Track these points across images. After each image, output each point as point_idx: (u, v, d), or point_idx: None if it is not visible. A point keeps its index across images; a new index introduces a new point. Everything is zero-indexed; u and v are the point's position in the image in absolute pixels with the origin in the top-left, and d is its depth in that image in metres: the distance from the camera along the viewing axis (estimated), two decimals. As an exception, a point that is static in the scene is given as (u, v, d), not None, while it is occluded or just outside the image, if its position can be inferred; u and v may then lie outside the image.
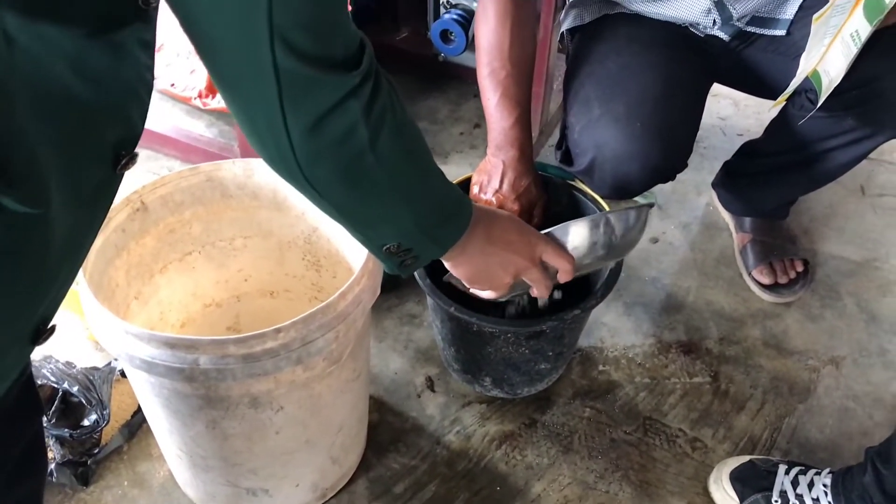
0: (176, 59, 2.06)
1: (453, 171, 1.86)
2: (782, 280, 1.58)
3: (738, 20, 1.35)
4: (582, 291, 1.29)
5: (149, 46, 0.62)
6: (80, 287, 0.98)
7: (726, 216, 1.74)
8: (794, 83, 1.24)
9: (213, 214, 1.19)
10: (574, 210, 1.37)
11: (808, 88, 1.28)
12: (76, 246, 0.67)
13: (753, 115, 2.06)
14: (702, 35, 1.39)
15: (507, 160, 1.23)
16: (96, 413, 1.23)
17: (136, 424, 1.31)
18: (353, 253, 1.16)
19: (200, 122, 1.98)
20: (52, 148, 0.56)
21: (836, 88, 1.19)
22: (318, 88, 0.63)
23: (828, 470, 1.20)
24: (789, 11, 1.35)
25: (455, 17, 1.85)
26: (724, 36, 1.38)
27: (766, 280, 1.58)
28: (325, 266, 1.24)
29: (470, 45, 1.86)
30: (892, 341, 1.52)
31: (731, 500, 1.23)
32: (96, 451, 1.25)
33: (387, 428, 1.34)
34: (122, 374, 1.30)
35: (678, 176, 1.39)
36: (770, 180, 1.55)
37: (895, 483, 1.08)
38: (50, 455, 1.24)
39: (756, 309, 1.57)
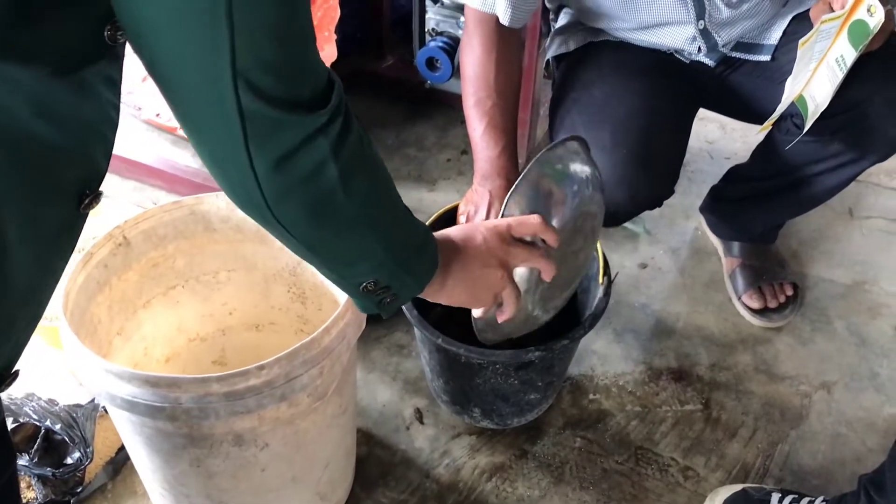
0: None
1: (441, 198, 1.85)
2: (772, 304, 1.58)
3: (723, 46, 1.36)
4: (571, 320, 1.28)
5: (115, 84, 0.61)
6: (61, 324, 0.96)
7: (715, 241, 1.73)
8: (781, 108, 1.24)
9: (196, 248, 1.18)
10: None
11: (794, 113, 1.28)
12: (38, 288, 0.65)
13: (740, 138, 2.06)
14: (687, 61, 1.40)
15: (494, 189, 1.23)
16: (80, 451, 1.21)
17: (121, 462, 1.29)
18: (338, 285, 1.14)
19: (186, 153, 1.97)
20: (12, 188, 0.55)
21: (822, 113, 1.19)
22: (284, 128, 0.62)
23: (822, 498, 1.18)
24: (773, 37, 1.35)
25: (440, 44, 1.85)
26: (709, 62, 1.39)
27: (755, 305, 1.58)
28: (311, 298, 1.23)
29: (456, 72, 1.86)
30: (883, 365, 1.51)
31: None
32: (80, 489, 1.23)
33: (375, 462, 1.32)
34: (106, 410, 1.28)
35: (666, 201, 1.38)
36: (757, 204, 1.55)
37: None
38: (32, 495, 1.22)
39: (746, 334, 1.57)
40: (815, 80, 1.19)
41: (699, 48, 1.35)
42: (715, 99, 1.47)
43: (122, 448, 1.29)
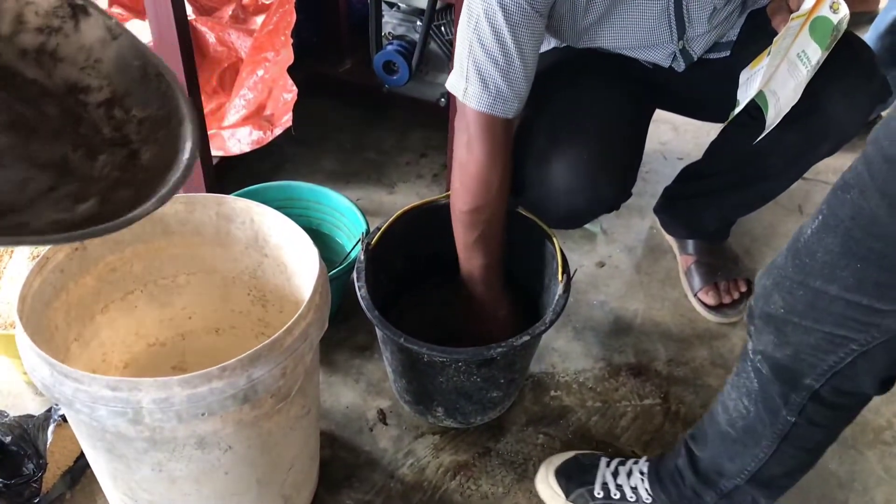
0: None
1: (400, 200, 1.86)
2: (726, 300, 1.61)
3: (697, 57, 1.37)
4: (531, 317, 1.29)
5: None
6: (17, 331, 0.95)
7: (669, 239, 1.76)
8: (744, 101, 1.25)
9: (154, 252, 1.17)
10: (521, 236, 1.38)
11: (752, 107, 1.30)
12: None
13: (692, 139, 2.10)
14: (650, 66, 1.40)
15: (477, 294, 1.31)
16: (32, 463, 1.19)
17: (79, 470, 1.27)
18: (299, 287, 1.14)
19: (142, 158, 1.95)
20: None
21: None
22: None
23: (644, 459, 1.24)
24: (732, 34, 1.37)
25: (397, 48, 1.86)
26: (678, 69, 1.38)
27: (711, 301, 1.61)
28: (272, 301, 1.23)
29: (413, 75, 1.87)
30: (835, 356, 1.54)
31: (558, 495, 1.26)
32: (37, 500, 1.20)
33: (339, 463, 1.32)
34: (64, 419, 1.26)
35: (622, 201, 1.40)
36: (710, 202, 1.58)
37: (707, 463, 1.11)
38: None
39: (702, 329, 1.60)
40: (777, 76, 1.19)
41: (676, 63, 1.36)
42: (674, 100, 1.48)
43: (80, 456, 1.27)
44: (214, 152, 1.75)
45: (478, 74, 1.17)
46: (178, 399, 0.88)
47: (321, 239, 1.58)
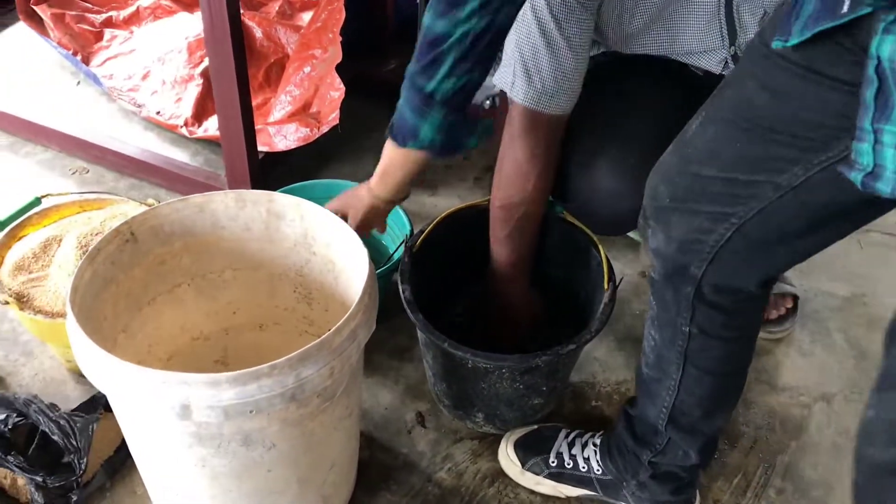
0: (162, 87, 2.04)
1: (442, 203, 1.85)
2: (772, 316, 1.58)
3: None
4: (575, 326, 1.28)
5: None
6: (68, 320, 0.95)
7: (715, 251, 1.73)
8: None
9: (203, 246, 1.17)
10: (565, 242, 1.36)
11: None
12: None
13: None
14: (700, 73, 1.38)
15: (504, 293, 1.31)
16: (73, 462, 1.19)
17: (120, 461, 1.27)
18: (346, 287, 1.14)
19: (187, 151, 1.96)
20: None
21: None
22: None
23: (601, 433, 1.27)
24: None
25: (445, 49, 1.84)
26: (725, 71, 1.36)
27: (756, 316, 1.58)
28: (317, 299, 1.22)
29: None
30: (882, 377, 1.51)
31: (514, 465, 1.29)
32: (77, 490, 1.21)
33: (377, 465, 1.31)
34: (106, 409, 1.26)
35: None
36: None
37: (639, 419, 1.17)
38: (26, 497, 1.20)
39: (747, 344, 1.57)
40: None
41: (727, 70, 1.34)
42: None
43: (121, 447, 1.27)
44: (260, 148, 1.75)
45: (524, 69, 1.16)
46: (226, 395, 0.87)
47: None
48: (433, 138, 1.09)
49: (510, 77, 1.18)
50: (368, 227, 1.27)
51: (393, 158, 1.15)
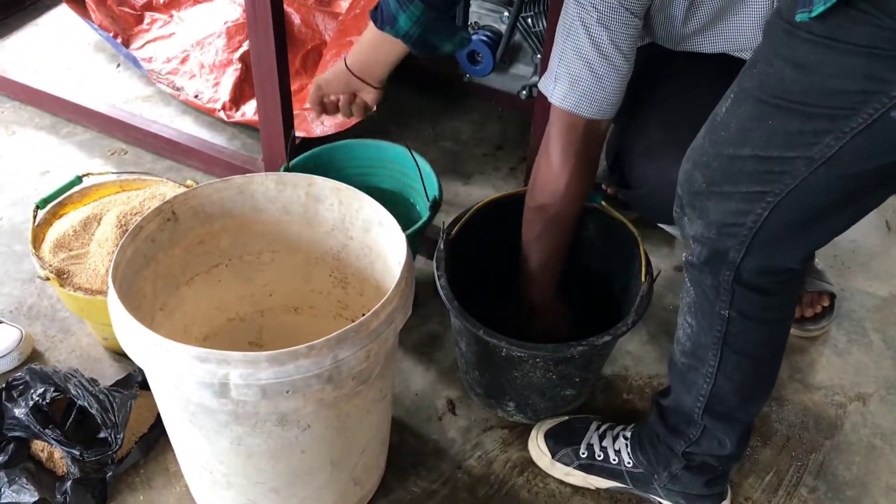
0: (200, 71, 2.06)
1: (476, 192, 1.85)
2: (808, 313, 1.56)
3: None
4: (610, 317, 1.27)
5: None
6: (109, 297, 0.96)
7: (752, 247, 1.72)
8: None
9: (242, 227, 1.18)
10: (602, 233, 1.36)
11: None
12: None
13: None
14: None
15: (529, 296, 1.31)
16: (110, 437, 1.20)
17: (154, 439, 1.29)
18: (382, 271, 1.14)
19: (224, 135, 1.97)
20: None
21: None
22: None
23: (632, 425, 1.27)
24: None
25: (483, 38, 1.84)
26: None
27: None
28: (353, 283, 1.23)
29: (496, 66, 1.85)
30: (920, 379, 1.49)
31: (544, 455, 1.29)
32: (112, 466, 1.22)
33: (407, 450, 1.32)
34: (141, 387, 1.28)
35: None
36: None
37: (672, 409, 1.16)
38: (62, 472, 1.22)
39: (781, 342, 1.55)
40: None
41: None
42: None
43: (155, 424, 1.29)
44: (297, 133, 1.75)
45: (567, 72, 1.15)
46: (264, 374, 0.88)
47: (385, 198, 1.51)
48: (409, 30, 1.24)
49: (552, 83, 1.17)
50: (336, 91, 1.36)
51: (369, 36, 1.30)
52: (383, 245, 1.12)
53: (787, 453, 1.35)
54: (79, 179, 1.43)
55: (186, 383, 0.90)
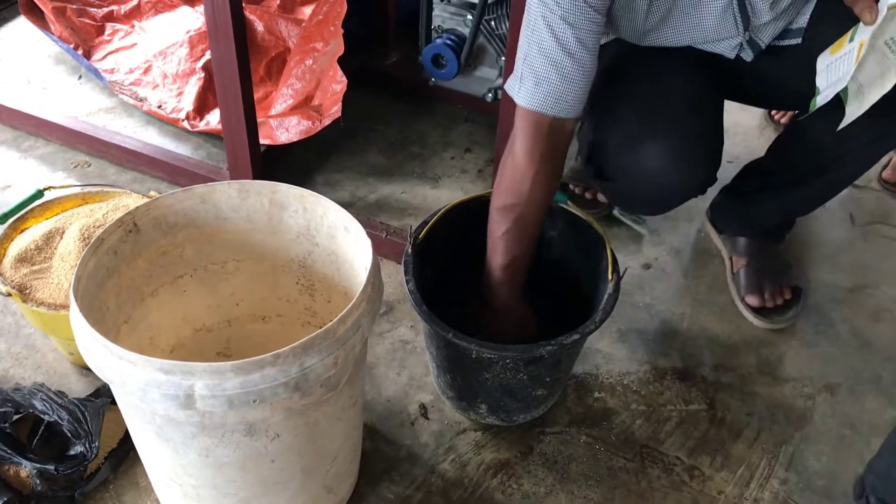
0: (164, 81, 2.04)
1: (444, 195, 1.85)
2: (770, 304, 1.58)
3: (765, 45, 1.35)
4: (578, 317, 1.28)
5: None
6: (71, 311, 0.95)
7: (718, 242, 1.73)
8: (823, 90, 1.21)
9: (206, 237, 1.17)
10: (569, 233, 1.36)
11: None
12: None
13: (742, 142, 2.06)
14: (731, 57, 1.38)
15: (492, 296, 1.30)
16: (83, 446, 1.19)
17: (123, 453, 1.27)
18: (348, 277, 1.14)
19: (188, 145, 1.96)
20: None
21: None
22: None
23: None
24: (802, 20, 1.33)
25: (447, 41, 1.84)
26: (747, 58, 1.36)
27: (755, 303, 1.58)
28: (320, 290, 1.22)
29: (461, 69, 1.86)
30: (887, 368, 1.51)
31: None
32: (82, 483, 1.21)
33: (380, 456, 1.31)
34: (111, 402, 1.26)
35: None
36: (773, 197, 1.55)
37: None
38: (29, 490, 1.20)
39: (750, 336, 1.57)
40: (862, 65, 1.15)
41: (744, 52, 1.34)
42: (746, 90, 1.46)
43: (124, 439, 1.27)
44: (262, 141, 1.75)
45: (531, 72, 1.15)
46: (230, 384, 0.87)
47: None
48: None
49: (517, 83, 1.17)
50: None
51: None
52: (349, 251, 1.11)
53: (758, 446, 1.37)
54: (40, 193, 1.40)
55: (151, 396, 0.89)
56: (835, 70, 1.20)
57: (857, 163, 1.40)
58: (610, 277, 1.25)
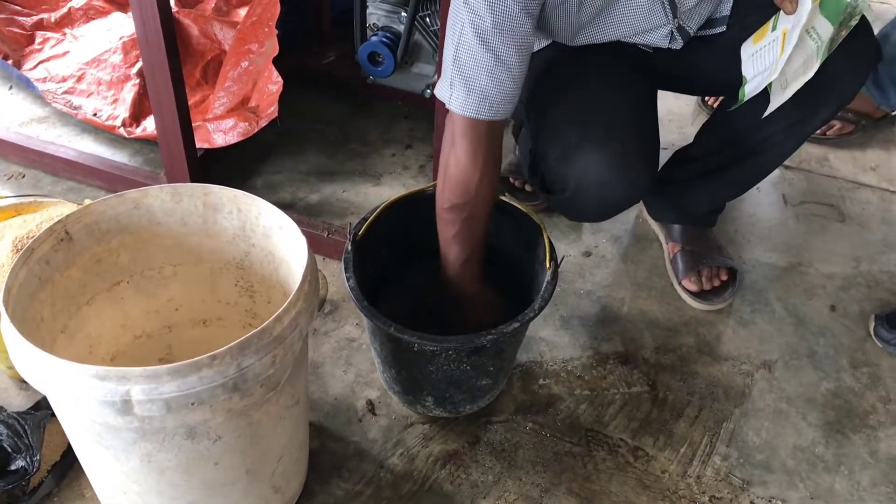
0: (98, 88, 2.01)
1: (386, 192, 1.86)
2: (707, 287, 1.62)
3: (693, 33, 1.37)
4: (519, 305, 1.29)
5: None
6: (3, 322, 0.94)
7: (656, 227, 1.77)
8: (751, 80, 1.24)
9: (141, 242, 1.16)
10: (508, 225, 1.38)
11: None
12: None
13: (677, 129, 2.11)
14: (651, 50, 1.41)
15: (457, 292, 1.31)
16: (24, 460, 1.17)
17: (67, 465, 1.26)
18: (287, 277, 1.14)
19: (125, 152, 1.93)
20: None
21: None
22: None
23: None
24: (726, 8, 1.36)
25: (382, 39, 1.85)
26: (676, 47, 1.38)
27: (693, 287, 1.62)
28: (259, 291, 1.22)
29: (398, 66, 1.87)
30: (820, 343, 1.56)
31: None
32: (24, 498, 1.19)
33: (329, 454, 1.31)
34: (53, 415, 1.25)
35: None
36: (704, 183, 1.58)
37: None
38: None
39: (689, 317, 1.60)
40: (791, 57, 1.19)
41: (673, 42, 1.36)
42: (676, 80, 1.49)
43: (67, 451, 1.26)
44: (199, 145, 1.73)
45: (462, 79, 1.15)
46: (167, 388, 0.87)
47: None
48: None
49: (448, 90, 1.18)
50: None
51: None
52: (285, 250, 1.12)
53: (699, 424, 1.40)
54: (-30, 206, 1.38)
55: (88, 404, 0.88)
56: (760, 59, 1.24)
57: (782, 147, 1.44)
58: (548, 266, 1.27)
